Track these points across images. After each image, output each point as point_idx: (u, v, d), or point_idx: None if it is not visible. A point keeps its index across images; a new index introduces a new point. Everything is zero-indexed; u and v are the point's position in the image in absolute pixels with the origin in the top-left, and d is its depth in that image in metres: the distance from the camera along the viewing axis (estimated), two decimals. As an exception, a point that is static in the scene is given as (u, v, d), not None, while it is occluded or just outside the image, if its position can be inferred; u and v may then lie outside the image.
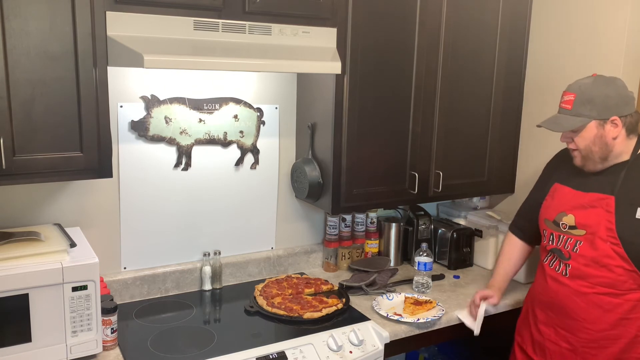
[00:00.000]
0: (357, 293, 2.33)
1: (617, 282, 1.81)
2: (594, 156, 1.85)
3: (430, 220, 2.73)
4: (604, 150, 1.83)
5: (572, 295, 1.90)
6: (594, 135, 1.82)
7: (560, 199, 1.97)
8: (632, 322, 1.82)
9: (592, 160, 1.86)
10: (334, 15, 2.08)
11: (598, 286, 1.84)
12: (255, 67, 1.88)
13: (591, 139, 1.82)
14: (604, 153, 1.84)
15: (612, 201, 1.81)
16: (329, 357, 1.92)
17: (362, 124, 2.23)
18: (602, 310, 1.84)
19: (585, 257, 1.86)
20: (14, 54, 1.59)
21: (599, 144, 1.82)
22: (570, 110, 1.84)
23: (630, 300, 1.81)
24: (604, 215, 1.82)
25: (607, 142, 1.82)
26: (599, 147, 1.83)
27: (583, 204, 1.89)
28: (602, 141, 1.82)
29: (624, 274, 1.80)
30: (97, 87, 1.72)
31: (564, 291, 1.92)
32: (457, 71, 2.41)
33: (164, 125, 2.18)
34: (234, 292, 2.34)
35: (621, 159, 1.85)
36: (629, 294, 1.81)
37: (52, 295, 1.67)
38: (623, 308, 1.82)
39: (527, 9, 2.57)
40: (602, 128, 1.81)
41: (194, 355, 1.83)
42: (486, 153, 2.59)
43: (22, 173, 1.66)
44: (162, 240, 2.27)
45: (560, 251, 1.94)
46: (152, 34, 1.76)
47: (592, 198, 1.86)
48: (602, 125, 1.81)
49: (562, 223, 1.92)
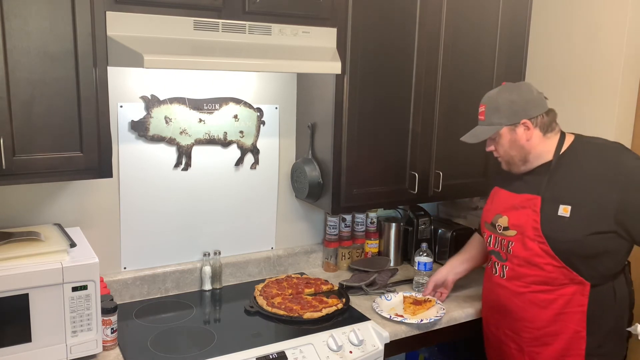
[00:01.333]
0: (357, 293, 2.33)
1: (549, 279, 1.86)
2: (514, 160, 1.92)
3: (430, 220, 2.73)
4: (522, 152, 1.89)
5: (511, 296, 1.96)
6: (508, 141, 1.89)
7: (497, 202, 2.03)
8: (569, 316, 1.86)
9: (514, 164, 1.94)
10: (334, 15, 2.08)
11: (532, 285, 1.89)
12: (255, 67, 1.89)
13: (507, 144, 1.90)
14: (522, 155, 1.90)
15: (539, 201, 1.86)
16: (329, 357, 1.92)
17: (362, 124, 2.23)
18: (538, 307, 1.90)
19: (518, 257, 1.91)
20: (14, 54, 1.59)
21: (515, 148, 1.89)
22: (484, 120, 1.93)
23: (563, 295, 1.85)
24: (531, 215, 1.87)
25: (522, 144, 1.88)
26: (516, 151, 1.90)
27: (515, 204, 1.93)
28: (517, 145, 1.88)
29: (555, 271, 1.84)
30: (97, 87, 1.72)
31: (503, 293, 1.99)
32: (457, 71, 2.41)
33: (164, 125, 2.18)
34: (234, 292, 2.34)
35: (545, 159, 1.89)
36: (561, 289, 1.85)
37: (52, 295, 1.67)
38: (558, 303, 1.86)
39: (527, 9, 2.57)
40: (515, 132, 1.88)
41: (194, 355, 1.83)
42: (486, 153, 2.58)
43: (22, 173, 1.66)
44: (162, 240, 2.27)
45: (498, 253, 1.99)
46: (152, 34, 1.76)
47: (523, 199, 1.91)
48: (514, 130, 1.88)
49: (498, 224, 1.98)
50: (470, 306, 2.27)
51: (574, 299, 1.85)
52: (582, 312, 1.85)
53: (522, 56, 2.61)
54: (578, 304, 1.85)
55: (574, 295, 1.84)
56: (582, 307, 1.84)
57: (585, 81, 2.39)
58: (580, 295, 1.84)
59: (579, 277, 1.82)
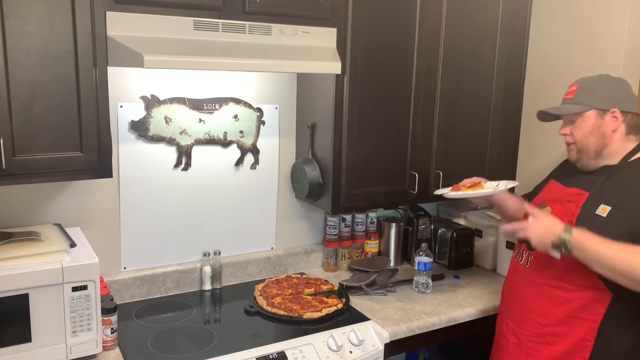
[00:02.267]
0: (357, 293, 2.33)
1: (570, 278, 1.78)
2: (589, 148, 1.82)
3: (430, 220, 2.73)
4: (601, 142, 1.80)
5: (527, 285, 1.90)
6: (591, 125, 1.80)
7: (547, 192, 1.99)
8: (581, 322, 1.78)
9: (586, 153, 1.83)
10: (334, 15, 2.08)
11: (551, 278, 1.83)
12: (255, 67, 1.89)
13: (589, 128, 1.80)
14: (600, 145, 1.81)
15: (585, 197, 1.80)
16: (329, 357, 1.92)
17: (362, 124, 2.23)
18: (551, 303, 1.83)
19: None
20: (14, 54, 1.59)
21: (596, 135, 1.80)
22: (571, 99, 1.84)
23: (580, 298, 1.78)
24: (571, 209, 1.82)
25: (605, 133, 1.79)
26: (595, 138, 1.80)
27: (561, 197, 1.89)
28: (599, 132, 1.80)
29: (577, 270, 1.75)
30: (97, 87, 1.72)
31: (519, 280, 1.94)
32: (457, 71, 2.41)
33: (164, 125, 2.18)
34: (234, 292, 2.34)
35: (612, 161, 1.82)
36: (580, 291, 1.78)
37: (52, 295, 1.67)
38: (572, 305, 1.79)
39: (527, 9, 2.57)
40: (602, 118, 1.79)
41: (194, 355, 1.83)
42: (486, 153, 2.59)
43: (22, 173, 1.66)
44: (162, 240, 2.27)
45: (529, 241, 1.90)
46: (152, 34, 1.76)
47: (570, 192, 1.86)
48: (602, 116, 1.79)
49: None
50: (470, 306, 2.27)
51: (591, 305, 1.76)
52: (594, 322, 1.76)
53: (522, 56, 2.60)
54: (593, 312, 1.76)
55: (591, 302, 1.76)
56: (597, 316, 1.76)
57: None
58: (599, 304, 1.75)
59: (601, 283, 1.73)
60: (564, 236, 1.67)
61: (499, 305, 2.21)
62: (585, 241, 1.66)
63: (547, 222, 1.72)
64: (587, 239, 1.66)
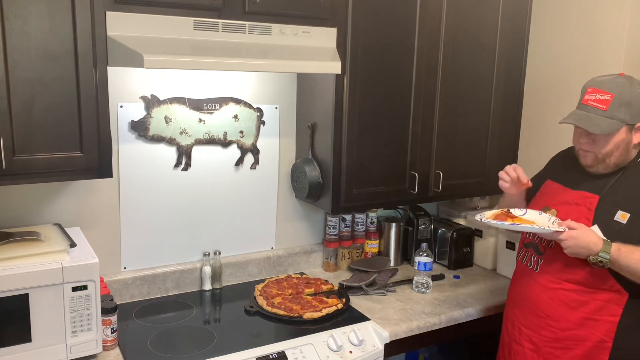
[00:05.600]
0: (357, 293, 2.33)
1: (586, 281, 1.76)
2: (609, 161, 1.77)
3: (430, 220, 2.73)
4: (624, 156, 1.76)
5: (539, 290, 1.87)
6: (620, 140, 1.73)
7: (548, 194, 1.95)
8: (599, 324, 1.77)
9: (604, 164, 1.78)
10: (334, 15, 2.08)
11: (566, 282, 1.81)
12: (255, 67, 1.89)
13: (617, 143, 1.73)
14: (621, 158, 1.77)
15: (596, 200, 1.78)
16: (329, 357, 1.92)
17: (362, 123, 2.23)
18: (567, 307, 1.80)
19: (560, 252, 1.78)
20: (14, 54, 1.59)
21: (622, 149, 1.74)
22: (605, 111, 1.71)
23: (597, 299, 1.76)
24: (584, 213, 1.79)
25: (629, 148, 1.75)
26: (620, 152, 1.75)
27: (568, 200, 1.85)
28: (626, 147, 1.74)
29: (594, 273, 1.75)
30: (97, 87, 1.72)
31: (531, 286, 1.90)
32: (457, 71, 2.41)
33: (164, 125, 2.18)
34: (234, 292, 2.34)
35: (622, 165, 1.80)
36: (596, 293, 1.76)
37: (52, 295, 1.67)
38: (589, 307, 1.77)
39: (527, 9, 2.57)
40: (631, 133, 1.73)
41: (194, 355, 1.83)
42: (486, 153, 2.59)
43: (22, 173, 1.66)
44: (162, 240, 2.27)
45: (537, 246, 1.91)
46: (152, 34, 1.76)
47: (578, 196, 1.83)
48: (631, 131, 1.73)
49: None
50: (470, 306, 2.27)
51: (608, 306, 1.75)
52: (612, 323, 1.75)
53: (522, 56, 2.60)
54: (611, 313, 1.74)
55: (608, 303, 1.75)
56: (615, 317, 1.74)
57: (585, 81, 2.39)
58: (615, 305, 1.74)
59: (617, 284, 1.72)
60: (602, 256, 1.67)
61: (499, 305, 2.21)
62: (621, 259, 1.66)
63: (587, 239, 1.69)
64: (623, 255, 1.66)
